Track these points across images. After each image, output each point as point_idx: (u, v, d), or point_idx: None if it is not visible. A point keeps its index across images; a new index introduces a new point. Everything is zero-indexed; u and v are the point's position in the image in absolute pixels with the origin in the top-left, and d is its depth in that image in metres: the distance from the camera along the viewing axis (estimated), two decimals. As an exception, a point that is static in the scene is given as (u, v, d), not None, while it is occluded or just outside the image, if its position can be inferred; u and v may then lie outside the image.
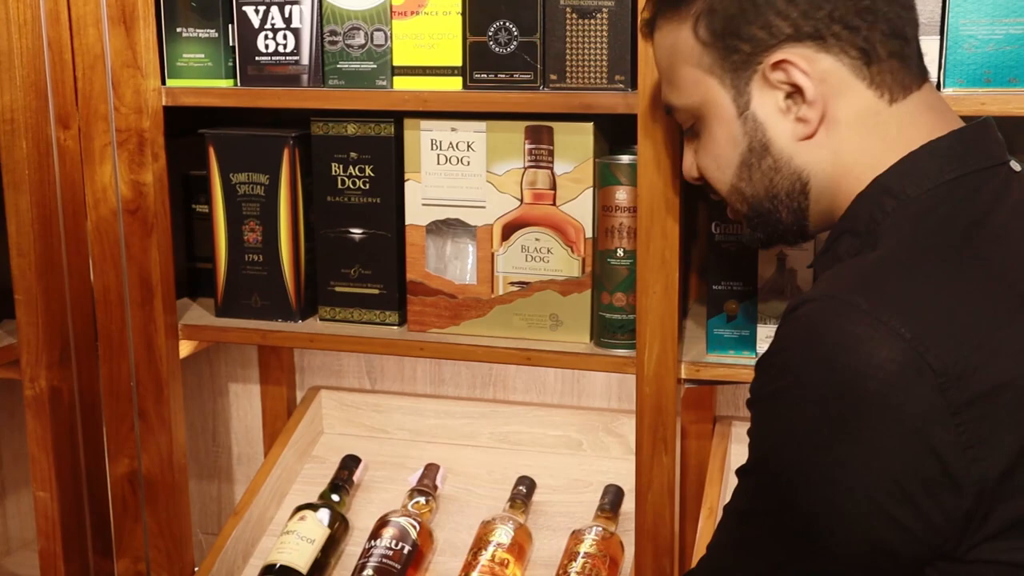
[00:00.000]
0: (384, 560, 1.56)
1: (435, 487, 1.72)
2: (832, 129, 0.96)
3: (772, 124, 0.98)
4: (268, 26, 1.50)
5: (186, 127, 1.59)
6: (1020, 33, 1.25)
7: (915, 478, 0.82)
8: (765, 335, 1.37)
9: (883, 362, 0.81)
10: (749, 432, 0.92)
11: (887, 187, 0.94)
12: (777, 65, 0.95)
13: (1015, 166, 0.97)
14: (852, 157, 0.96)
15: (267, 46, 1.51)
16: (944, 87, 1.28)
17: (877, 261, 0.89)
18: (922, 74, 0.99)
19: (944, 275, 0.86)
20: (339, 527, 1.67)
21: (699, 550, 1.53)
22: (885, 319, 0.82)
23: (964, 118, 1.30)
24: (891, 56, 0.95)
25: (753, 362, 1.37)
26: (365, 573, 1.55)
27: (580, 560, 1.55)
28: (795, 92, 0.96)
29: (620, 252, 1.40)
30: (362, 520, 1.71)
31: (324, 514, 1.66)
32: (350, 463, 1.77)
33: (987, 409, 0.81)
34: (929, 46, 1.28)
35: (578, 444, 1.79)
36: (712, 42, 0.98)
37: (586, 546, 1.57)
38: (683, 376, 1.39)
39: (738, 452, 1.74)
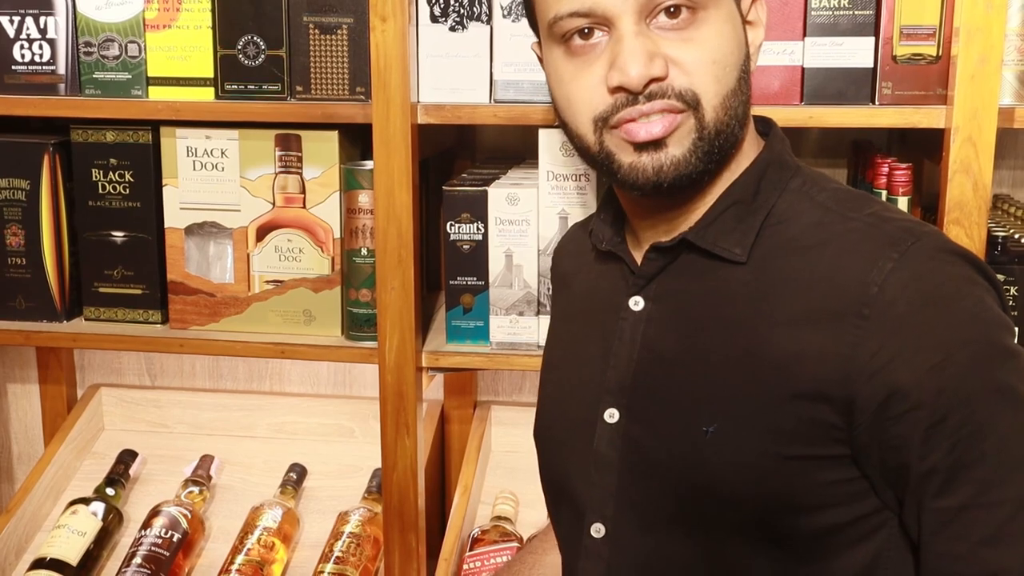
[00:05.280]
0: (153, 548, 1.63)
1: (209, 477, 1.80)
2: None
3: (753, 52, 0.97)
4: (24, 36, 1.55)
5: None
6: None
7: None
8: (497, 325, 1.50)
9: None
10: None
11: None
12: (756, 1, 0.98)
13: None
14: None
15: (23, 56, 1.55)
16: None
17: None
18: None
19: None
20: (113, 519, 1.72)
21: (453, 526, 1.65)
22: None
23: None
24: None
25: (488, 350, 1.50)
26: (135, 562, 1.62)
27: (344, 539, 1.66)
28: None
29: (364, 251, 1.51)
30: (140, 512, 1.76)
31: (97, 507, 1.71)
32: (126, 457, 1.82)
33: None
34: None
35: (350, 432, 1.90)
36: None
37: (351, 526, 1.68)
38: (424, 365, 1.51)
39: (497, 434, 1.87)
